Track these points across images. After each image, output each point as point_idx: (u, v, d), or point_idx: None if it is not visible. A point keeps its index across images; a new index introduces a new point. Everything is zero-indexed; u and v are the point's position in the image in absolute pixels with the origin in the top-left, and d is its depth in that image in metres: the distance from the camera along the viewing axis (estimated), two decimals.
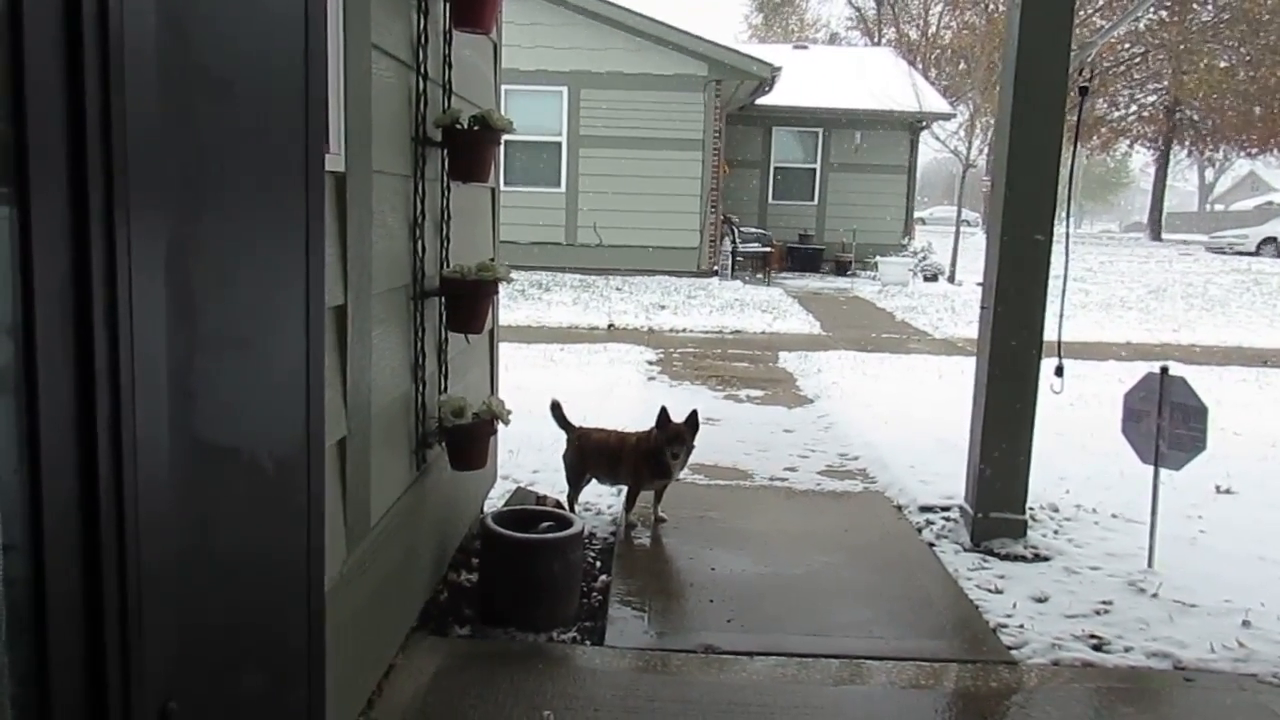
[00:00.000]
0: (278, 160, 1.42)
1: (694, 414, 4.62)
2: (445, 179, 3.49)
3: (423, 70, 3.17)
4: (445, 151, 3.41)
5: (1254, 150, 42.51)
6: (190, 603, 1.22)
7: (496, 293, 3.76)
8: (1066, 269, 4.58)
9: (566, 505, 4.64)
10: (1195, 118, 40.48)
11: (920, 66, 31.77)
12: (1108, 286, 19.53)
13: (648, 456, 4.55)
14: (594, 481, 4.86)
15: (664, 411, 4.56)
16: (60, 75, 0.93)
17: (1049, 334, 4.60)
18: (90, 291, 0.95)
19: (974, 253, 19.94)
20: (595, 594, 3.94)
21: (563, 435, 4.84)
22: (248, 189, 1.34)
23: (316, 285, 1.51)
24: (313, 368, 1.50)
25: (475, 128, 3.38)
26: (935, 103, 22.43)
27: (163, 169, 1.10)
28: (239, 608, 1.38)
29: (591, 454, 4.70)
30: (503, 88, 4.76)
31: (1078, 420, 6.85)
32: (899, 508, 5.19)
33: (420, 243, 3.23)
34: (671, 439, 4.50)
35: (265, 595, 1.47)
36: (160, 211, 1.09)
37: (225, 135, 1.28)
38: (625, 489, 4.76)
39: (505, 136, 3.59)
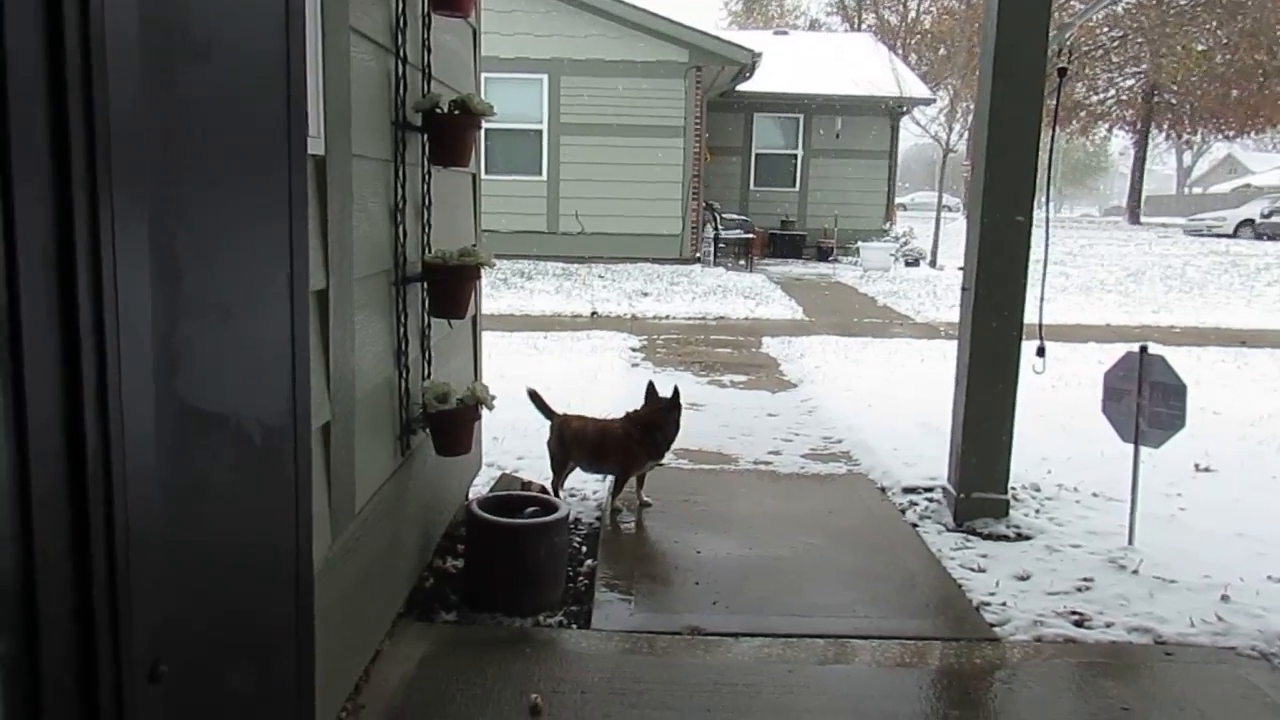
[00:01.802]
0: (259, 135, 1.41)
1: (676, 390, 4.66)
2: (426, 164, 3.47)
3: (402, 54, 3.15)
4: (425, 136, 3.40)
5: (1231, 133, 42.86)
6: (179, 566, 1.22)
7: (479, 278, 3.75)
8: (1046, 252, 4.61)
9: (551, 491, 4.64)
10: (1173, 101, 40.73)
11: (900, 52, 31.80)
12: (1087, 269, 19.65)
13: (644, 433, 4.56)
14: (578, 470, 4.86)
15: (651, 385, 4.68)
16: (40, 33, 0.92)
17: (1029, 316, 4.62)
18: (74, 255, 0.95)
19: (955, 237, 19.98)
20: (581, 578, 3.95)
21: (547, 421, 4.84)
22: (230, 158, 1.33)
23: (300, 258, 1.50)
24: (298, 341, 1.50)
25: (455, 112, 3.36)
26: (915, 88, 22.45)
27: (145, 131, 1.09)
28: (228, 575, 1.38)
29: (572, 442, 4.68)
30: (483, 75, 4.73)
31: (1058, 401, 6.90)
32: (882, 490, 5.22)
33: (401, 227, 3.22)
34: (670, 408, 4.58)
35: (254, 563, 1.47)
36: (143, 175, 1.08)
37: (208, 101, 1.27)
38: (609, 476, 4.77)
39: (485, 123, 3.57)
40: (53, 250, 0.95)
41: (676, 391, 4.64)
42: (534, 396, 4.78)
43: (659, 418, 4.57)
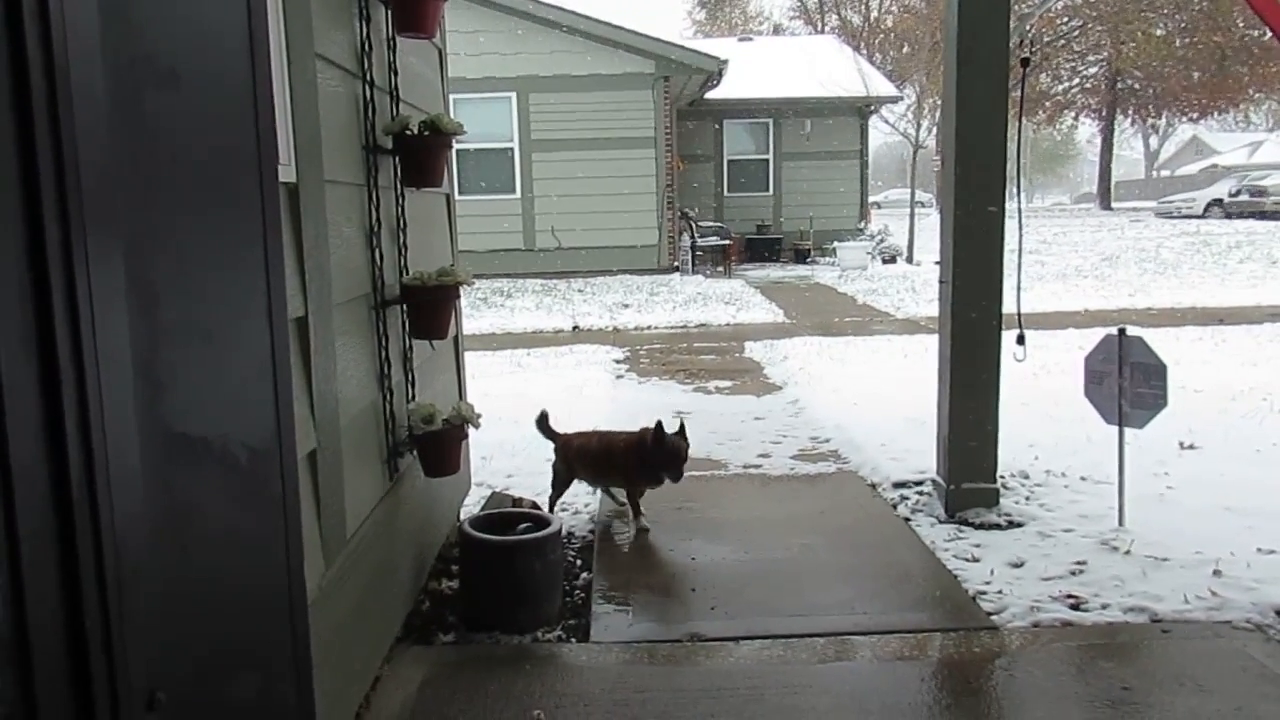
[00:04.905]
0: (230, 162, 1.41)
1: (682, 423, 4.58)
2: (399, 186, 3.47)
3: (369, 78, 3.15)
4: (397, 159, 3.40)
5: (1195, 115, 43.32)
6: (171, 594, 1.21)
7: (458, 297, 3.75)
8: (1021, 241, 4.64)
9: (546, 507, 4.62)
10: (1136, 87, 41.15)
11: (864, 51, 32.07)
12: (1063, 257, 19.79)
13: (643, 468, 4.48)
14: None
15: (659, 428, 4.41)
16: (3, 66, 0.92)
17: (1008, 306, 4.66)
18: (49, 287, 0.94)
19: (930, 233, 20.15)
20: (578, 592, 3.94)
21: (539, 439, 4.83)
22: (202, 186, 1.33)
23: (277, 285, 1.50)
24: (279, 367, 1.49)
25: (425, 133, 3.36)
26: (882, 86, 22.62)
27: (115, 160, 1.09)
28: (222, 602, 1.37)
29: (575, 460, 4.69)
30: (451, 97, 4.74)
31: (1042, 388, 6.95)
32: (873, 486, 5.23)
33: (378, 251, 3.21)
34: (671, 459, 4.39)
35: (247, 588, 1.46)
36: (115, 204, 1.08)
37: (177, 130, 1.27)
38: (612, 489, 4.77)
39: (456, 144, 3.58)
40: (28, 283, 0.94)
41: (683, 424, 4.55)
42: (542, 421, 4.78)
43: (650, 458, 4.42)
